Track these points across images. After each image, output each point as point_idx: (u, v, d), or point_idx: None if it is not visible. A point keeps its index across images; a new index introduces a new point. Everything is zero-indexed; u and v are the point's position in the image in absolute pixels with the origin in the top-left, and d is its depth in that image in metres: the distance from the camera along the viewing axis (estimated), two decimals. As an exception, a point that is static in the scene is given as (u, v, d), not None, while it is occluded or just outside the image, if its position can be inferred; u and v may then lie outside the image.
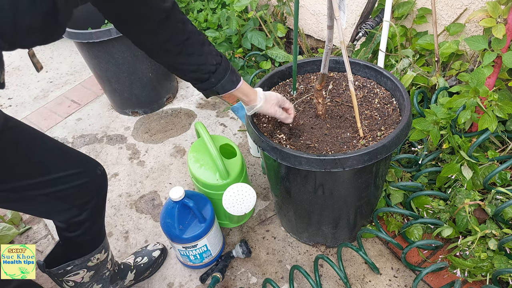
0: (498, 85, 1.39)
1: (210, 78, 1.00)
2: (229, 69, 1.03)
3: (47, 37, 0.63)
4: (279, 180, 1.28)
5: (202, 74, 1.00)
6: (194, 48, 0.95)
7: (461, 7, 1.52)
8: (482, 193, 1.41)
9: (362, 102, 1.28)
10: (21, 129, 0.94)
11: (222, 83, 1.02)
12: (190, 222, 1.35)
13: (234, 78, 1.05)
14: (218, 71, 1.00)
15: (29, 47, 0.66)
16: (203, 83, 1.02)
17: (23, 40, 0.60)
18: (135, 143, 2.10)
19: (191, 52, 0.95)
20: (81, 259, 1.13)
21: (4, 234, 1.61)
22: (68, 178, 0.99)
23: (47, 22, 0.60)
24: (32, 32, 0.60)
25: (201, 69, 0.98)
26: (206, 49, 0.97)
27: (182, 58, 0.95)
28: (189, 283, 1.46)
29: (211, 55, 0.98)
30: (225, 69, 1.02)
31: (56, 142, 1.02)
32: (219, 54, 1.02)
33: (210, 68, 0.99)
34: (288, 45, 2.40)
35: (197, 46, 0.96)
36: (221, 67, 1.01)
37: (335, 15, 0.93)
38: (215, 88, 1.03)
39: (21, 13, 0.55)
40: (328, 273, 1.43)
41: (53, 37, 0.64)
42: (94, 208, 1.09)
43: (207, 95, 1.06)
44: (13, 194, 0.92)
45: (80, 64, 2.77)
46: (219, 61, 1.01)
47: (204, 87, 1.03)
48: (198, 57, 0.96)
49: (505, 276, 1.18)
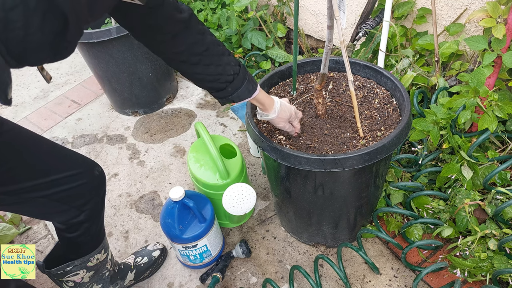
0: (498, 85, 1.39)
1: (227, 87, 1.01)
2: (247, 78, 1.03)
3: (55, 54, 0.62)
4: (279, 180, 1.28)
5: (219, 84, 1.00)
6: (212, 59, 0.95)
7: (461, 7, 1.52)
8: (482, 193, 1.41)
9: (362, 102, 1.28)
10: (17, 131, 0.94)
11: (239, 93, 1.03)
12: (190, 222, 1.35)
13: (250, 87, 1.05)
14: (235, 81, 1.01)
15: (37, 64, 0.65)
16: (219, 92, 1.02)
17: (31, 58, 0.60)
18: (135, 143, 2.10)
19: (209, 63, 0.95)
20: (80, 260, 1.13)
21: (4, 234, 1.61)
22: (66, 180, 0.99)
23: (57, 40, 0.59)
24: (41, 50, 0.59)
25: (219, 79, 0.99)
26: (225, 60, 0.98)
27: (199, 68, 0.95)
28: (189, 283, 1.46)
29: (229, 65, 0.99)
30: (243, 79, 1.02)
31: (53, 143, 1.02)
32: (238, 63, 1.02)
33: (228, 78, 0.99)
34: (288, 45, 2.40)
35: (215, 57, 0.96)
36: (238, 77, 1.01)
37: (335, 15, 0.93)
38: (231, 97, 1.04)
39: (32, 32, 0.55)
40: (328, 273, 1.43)
41: (61, 55, 0.63)
42: (93, 209, 1.08)
43: (223, 103, 1.07)
44: (11, 197, 0.92)
45: (80, 64, 2.77)
46: (237, 71, 1.01)
47: (221, 96, 1.04)
48: (216, 67, 0.96)
49: (505, 276, 1.18)
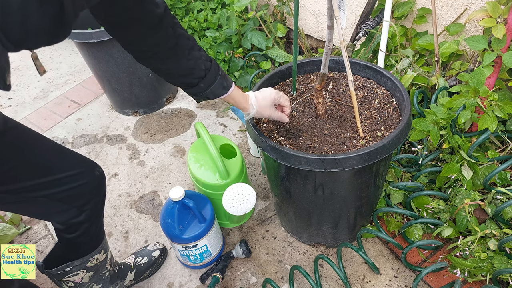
0: (498, 85, 1.39)
1: (200, 83, 1.00)
2: (219, 74, 1.03)
3: (52, 38, 0.63)
4: (279, 180, 1.28)
5: (191, 79, 0.99)
6: (183, 52, 0.95)
7: (461, 7, 1.52)
8: (482, 193, 1.41)
9: (362, 102, 1.28)
10: (21, 130, 0.94)
11: (212, 89, 1.02)
12: (190, 222, 1.35)
13: (225, 84, 1.05)
14: (207, 76, 1.00)
15: (35, 48, 0.66)
16: (192, 88, 1.02)
17: (29, 42, 0.61)
18: (135, 143, 2.10)
19: (180, 56, 0.95)
20: (80, 260, 1.13)
21: (4, 234, 1.61)
22: (68, 179, 0.99)
23: (54, 23, 0.60)
24: (39, 34, 0.60)
25: (191, 73, 0.98)
26: (195, 54, 0.97)
27: (171, 62, 0.95)
28: (189, 283, 1.46)
29: (200, 59, 0.98)
30: (215, 74, 1.02)
31: (54, 143, 1.02)
32: (209, 59, 1.02)
33: (200, 73, 0.99)
34: (288, 45, 2.40)
35: (186, 50, 0.95)
36: (210, 72, 1.00)
37: (335, 15, 0.93)
38: (205, 94, 1.03)
39: (30, 15, 0.55)
40: (328, 273, 1.43)
41: (58, 38, 0.64)
42: (93, 209, 1.08)
43: (198, 100, 1.07)
44: (13, 196, 0.92)
45: (80, 64, 2.77)
46: (209, 66, 1.00)
47: (194, 92, 1.03)
48: (187, 61, 0.96)
49: (505, 276, 1.18)
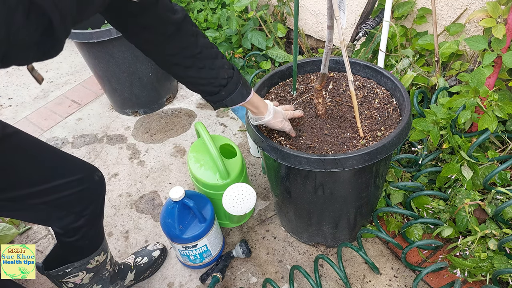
0: (498, 85, 1.39)
1: (221, 91, 0.99)
2: (241, 82, 1.01)
3: (43, 54, 0.61)
4: (279, 180, 1.28)
5: (213, 87, 0.98)
6: (205, 62, 0.93)
7: (461, 7, 1.52)
8: (482, 193, 1.41)
9: (362, 102, 1.28)
10: (20, 135, 0.93)
11: (232, 97, 1.01)
12: (190, 222, 1.35)
13: (244, 91, 1.03)
14: (229, 85, 0.99)
15: (25, 64, 0.63)
16: (212, 96, 1.00)
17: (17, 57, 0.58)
18: (135, 143, 2.10)
19: (202, 66, 0.93)
20: (80, 262, 1.13)
21: (4, 234, 1.61)
22: (67, 185, 0.98)
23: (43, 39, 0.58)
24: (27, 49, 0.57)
25: (212, 82, 0.97)
26: (218, 63, 0.95)
27: (192, 71, 0.93)
28: (189, 283, 1.46)
29: (223, 69, 0.96)
30: (237, 82, 1.00)
31: (53, 148, 1.01)
32: (232, 66, 1.00)
33: (221, 82, 0.97)
34: (288, 45, 2.40)
35: (209, 60, 0.94)
36: (232, 80, 0.99)
37: (335, 15, 0.93)
38: (225, 102, 1.02)
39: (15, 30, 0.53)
40: (328, 273, 1.43)
41: (49, 54, 0.61)
42: (92, 214, 1.08)
43: (216, 107, 1.04)
44: (13, 204, 0.91)
45: (80, 64, 2.77)
46: (231, 75, 0.99)
47: (214, 100, 1.02)
48: (209, 70, 0.94)
49: (505, 276, 1.18)
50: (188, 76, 0.95)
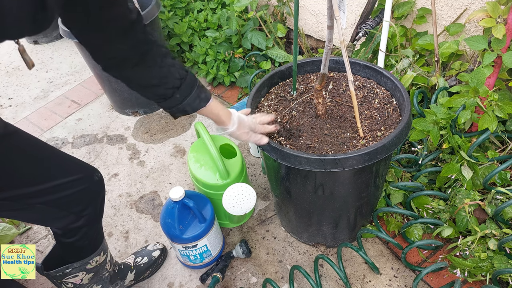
0: (498, 85, 1.39)
1: (175, 94, 0.92)
2: (196, 85, 0.96)
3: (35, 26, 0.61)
4: (279, 180, 1.28)
5: (165, 89, 0.91)
6: (155, 60, 0.88)
7: (461, 7, 1.52)
8: (482, 193, 1.41)
9: (362, 102, 1.28)
10: (21, 134, 0.93)
11: (189, 100, 0.95)
12: (190, 222, 1.35)
13: (202, 95, 0.97)
14: (183, 86, 0.92)
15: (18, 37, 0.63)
16: (167, 101, 0.94)
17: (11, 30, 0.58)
18: (135, 143, 2.10)
19: (151, 64, 0.88)
20: (79, 262, 1.13)
21: (4, 234, 1.61)
22: (67, 185, 0.98)
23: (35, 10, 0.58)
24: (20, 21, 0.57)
25: (164, 82, 0.90)
26: (168, 61, 0.90)
27: (141, 70, 0.88)
28: (189, 283, 1.46)
29: (174, 67, 0.91)
30: (192, 85, 0.94)
31: (53, 148, 1.01)
32: (184, 68, 0.94)
33: (174, 83, 0.91)
34: (288, 45, 2.40)
35: (158, 57, 0.88)
36: (186, 82, 0.93)
37: (335, 15, 0.93)
38: (182, 106, 0.95)
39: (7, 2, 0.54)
40: (328, 273, 1.43)
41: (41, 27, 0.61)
42: (91, 214, 1.07)
43: (175, 115, 0.98)
44: (11, 203, 0.91)
45: (80, 64, 2.77)
46: (184, 76, 0.93)
47: (170, 105, 0.95)
48: (160, 69, 0.89)
49: (505, 276, 1.18)
50: (138, 77, 0.89)
